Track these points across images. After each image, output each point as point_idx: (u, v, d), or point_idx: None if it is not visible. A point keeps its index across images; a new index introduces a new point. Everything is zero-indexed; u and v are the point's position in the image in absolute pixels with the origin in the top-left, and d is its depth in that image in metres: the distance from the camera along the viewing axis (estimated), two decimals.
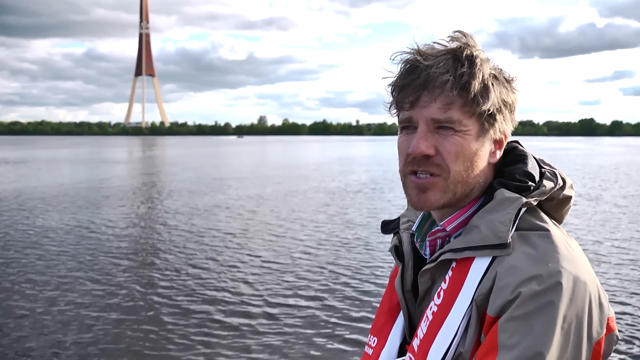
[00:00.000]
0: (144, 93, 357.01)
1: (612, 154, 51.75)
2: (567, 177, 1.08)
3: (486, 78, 1.00)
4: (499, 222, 0.96)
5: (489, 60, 1.03)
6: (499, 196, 1.00)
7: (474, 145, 1.01)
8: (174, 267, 8.37)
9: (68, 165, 36.53)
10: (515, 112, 1.06)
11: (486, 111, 1.00)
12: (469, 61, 0.99)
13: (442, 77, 0.98)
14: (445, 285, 0.99)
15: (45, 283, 7.49)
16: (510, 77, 1.05)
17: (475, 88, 0.98)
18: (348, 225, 12.02)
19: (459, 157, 1.00)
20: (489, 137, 1.03)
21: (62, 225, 12.04)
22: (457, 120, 0.99)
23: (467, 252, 0.98)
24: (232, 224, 12.30)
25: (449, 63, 0.99)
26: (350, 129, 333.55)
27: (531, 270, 0.91)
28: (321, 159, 44.82)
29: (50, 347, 5.37)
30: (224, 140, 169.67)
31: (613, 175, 25.49)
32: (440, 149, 1.00)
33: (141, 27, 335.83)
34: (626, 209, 14.51)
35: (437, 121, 1.00)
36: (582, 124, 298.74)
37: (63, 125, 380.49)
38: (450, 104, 0.99)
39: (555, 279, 0.89)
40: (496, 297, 0.91)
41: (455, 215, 1.05)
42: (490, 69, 1.02)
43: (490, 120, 1.02)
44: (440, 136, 1.00)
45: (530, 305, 0.88)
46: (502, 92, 1.02)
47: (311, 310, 6.43)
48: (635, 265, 8.35)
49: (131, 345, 5.40)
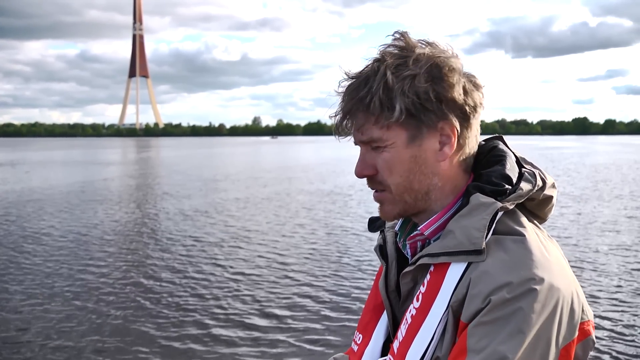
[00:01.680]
0: (138, 94, 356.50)
1: (609, 152, 51.75)
2: (548, 176, 1.07)
3: (390, 88, 0.98)
4: (474, 228, 0.96)
5: (407, 59, 0.99)
6: (474, 201, 0.99)
7: (405, 153, 1.02)
8: (167, 270, 8.20)
9: (61, 167, 36.27)
10: (455, 97, 1.00)
11: (399, 118, 0.98)
12: (367, 79, 1.00)
13: (350, 102, 1.02)
14: (424, 289, 1.00)
15: (36, 285, 7.32)
16: (444, 65, 1.00)
17: (376, 104, 0.98)
18: (340, 224, 11.87)
19: (392, 169, 1.03)
20: (426, 137, 1.01)
21: (54, 227, 11.85)
22: (378, 137, 1.01)
23: (443, 257, 0.98)
24: (225, 227, 12.13)
25: (358, 86, 1.01)
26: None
27: (502, 277, 0.91)
28: (320, 159, 44.67)
29: (41, 349, 5.22)
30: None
31: (616, 176, 25.40)
32: (377, 166, 1.04)
33: (135, 29, 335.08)
34: (625, 211, 14.41)
35: (365, 142, 1.04)
36: (576, 122, 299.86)
37: (57, 126, 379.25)
38: (363, 125, 1.02)
39: (526, 286, 0.90)
40: (469, 304, 0.92)
41: (432, 220, 1.05)
42: (406, 71, 0.98)
43: (414, 123, 1.00)
44: (377, 154, 1.04)
45: (499, 311, 0.89)
46: (419, 89, 0.98)
47: (304, 309, 6.31)
48: (634, 267, 8.24)
49: (124, 348, 5.27)
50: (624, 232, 10.92)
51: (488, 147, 1.10)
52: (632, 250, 9.27)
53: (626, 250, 9.29)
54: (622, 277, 7.62)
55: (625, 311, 6.21)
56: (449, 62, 1.01)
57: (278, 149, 78.20)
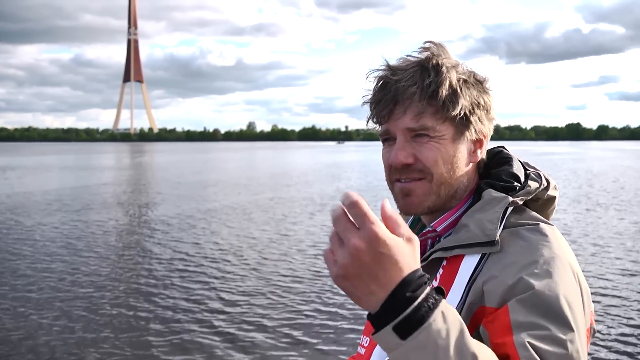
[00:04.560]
0: (132, 99, 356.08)
1: (605, 158, 51.81)
2: (551, 178, 1.13)
3: (454, 83, 1.04)
4: (487, 221, 1.00)
5: (458, 65, 1.08)
6: (487, 196, 1.04)
7: (451, 148, 1.06)
8: (160, 276, 7.96)
9: (54, 172, 35.90)
10: (491, 111, 1.11)
11: (457, 115, 1.04)
12: (435, 70, 1.04)
13: (410, 89, 1.03)
14: (436, 283, 1.01)
15: (28, 290, 7.10)
16: (483, 79, 1.10)
17: (442, 95, 1.03)
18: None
19: (438, 161, 1.06)
20: (466, 139, 1.08)
21: (47, 232, 11.60)
22: (431, 127, 1.04)
23: (457, 250, 1.01)
24: (220, 232, 11.95)
25: (416, 75, 1.04)
26: (339, 135, 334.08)
27: (527, 258, 0.94)
28: (317, 164, 44.51)
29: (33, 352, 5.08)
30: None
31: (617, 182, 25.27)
32: (419, 156, 1.06)
33: (129, 33, 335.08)
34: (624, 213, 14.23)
35: (412, 130, 1.05)
36: (569, 128, 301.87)
37: (50, 131, 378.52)
38: (421, 113, 1.04)
39: (552, 263, 0.93)
40: (496, 288, 0.93)
41: (445, 216, 1.10)
42: (459, 74, 1.06)
43: (464, 123, 1.06)
44: (417, 144, 1.06)
45: (534, 286, 0.90)
46: (473, 94, 1.07)
47: (308, 312, 6.34)
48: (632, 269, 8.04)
49: (118, 351, 5.10)
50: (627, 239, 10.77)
51: (493, 152, 1.18)
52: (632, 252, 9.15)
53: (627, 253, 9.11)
54: (620, 280, 7.44)
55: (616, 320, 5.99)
56: (484, 77, 1.11)
57: (273, 154, 77.99)
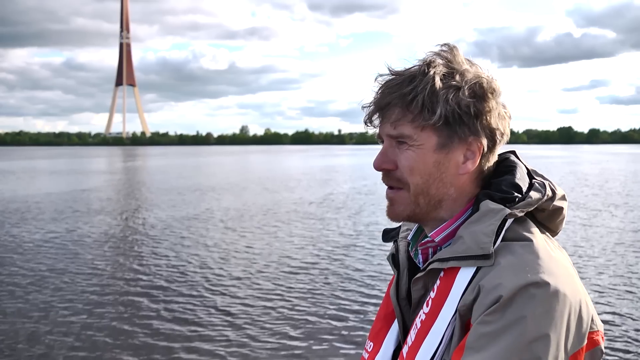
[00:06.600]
0: (125, 103, 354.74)
1: (599, 162, 52.09)
2: (559, 188, 1.09)
3: (436, 91, 1.01)
4: (482, 233, 0.98)
5: (461, 71, 1.04)
6: (483, 207, 1.02)
7: (431, 157, 1.04)
8: (154, 279, 7.83)
9: (46, 176, 35.66)
10: (490, 119, 1.05)
11: (437, 123, 1.02)
12: (420, 77, 1.02)
13: (391, 95, 1.04)
14: (434, 294, 1.02)
15: (18, 295, 6.96)
16: (491, 88, 1.05)
17: (419, 103, 1.01)
18: (351, 233, 11.62)
19: (414, 170, 1.05)
20: (454, 148, 1.05)
21: (39, 237, 11.45)
22: (409, 135, 1.03)
23: (452, 262, 1.00)
24: (217, 235, 11.82)
25: (405, 81, 1.03)
26: (332, 139, 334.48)
27: (509, 280, 0.92)
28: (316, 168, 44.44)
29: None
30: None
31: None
32: (399, 163, 1.06)
33: (122, 37, 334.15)
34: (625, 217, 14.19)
35: (392, 137, 1.06)
36: (561, 132, 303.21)
37: (42, 135, 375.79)
38: (398, 120, 1.04)
39: (530, 289, 0.91)
40: (478, 307, 0.94)
41: (443, 227, 1.08)
42: (454, 81, 1.02)
43: (447, 132, 1.03)
44: (399, 151, 1.06)
45: (504, 312, 0.90)
46: (463, 102, 1.02)
47: (313, 317, 6.35)
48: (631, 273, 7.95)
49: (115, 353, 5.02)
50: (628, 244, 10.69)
51: (500, 159, 1.12)
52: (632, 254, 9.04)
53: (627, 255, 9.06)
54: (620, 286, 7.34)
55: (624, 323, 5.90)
56: (493, 84, 1.05)
57: (267, 158, 77.92)
